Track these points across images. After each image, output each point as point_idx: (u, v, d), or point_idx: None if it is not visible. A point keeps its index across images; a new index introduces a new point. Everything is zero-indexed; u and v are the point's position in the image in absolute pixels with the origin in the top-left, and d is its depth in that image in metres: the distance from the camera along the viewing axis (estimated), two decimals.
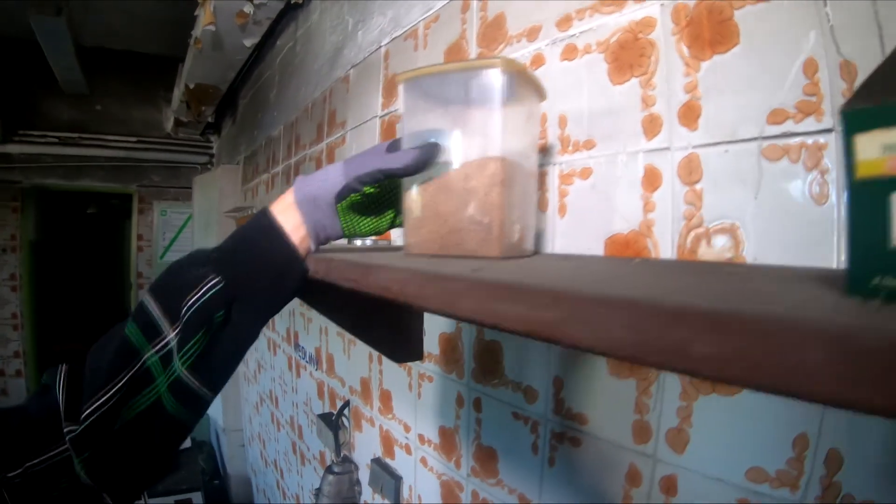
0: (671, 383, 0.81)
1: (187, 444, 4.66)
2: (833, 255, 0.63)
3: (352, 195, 0.74)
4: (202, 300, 0.68)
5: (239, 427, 4.43)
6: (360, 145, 1.85)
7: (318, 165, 2.28)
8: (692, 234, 0.76)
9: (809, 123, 0.65)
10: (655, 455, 0.84)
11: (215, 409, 4.59)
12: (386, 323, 1.28)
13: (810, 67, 0.65)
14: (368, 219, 0.80)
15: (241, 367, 4.22)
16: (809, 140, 0.65)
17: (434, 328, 1.39)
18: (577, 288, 0.30)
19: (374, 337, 1.27)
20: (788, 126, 0.67)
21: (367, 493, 1.90)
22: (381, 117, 1.70)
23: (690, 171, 0.77)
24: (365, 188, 0.74)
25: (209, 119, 4.72)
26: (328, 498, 1.94)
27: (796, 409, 0.68)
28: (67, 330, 7.35)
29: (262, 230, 0.74)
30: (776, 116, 0.68)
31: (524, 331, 0.33)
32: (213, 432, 5.09)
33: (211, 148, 5.47)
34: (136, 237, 6.05)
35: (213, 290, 0.69)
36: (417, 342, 1.33)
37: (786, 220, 0.68)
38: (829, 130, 0.64)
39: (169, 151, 5.40)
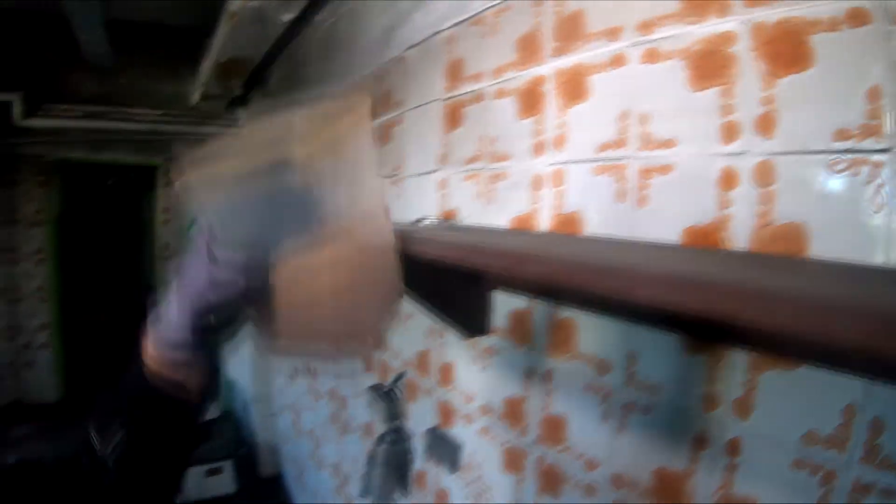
0: (739, 358, 0.95)
1: (215, 413, 4.81)
2: (881, 254, 0.77)
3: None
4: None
5: (269, 397, 4.57)
6: (419, 129, 1.92)
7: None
8: (764, 230, 0.90)
9: (870, 143, 0.78)
10: (722, 421, 0.97)
11: (244, 379, 4.73)
12: (457, 299, 1.41)
13: (874, 94, 0.78)
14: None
15: None
16: (869, 157, 0.78)
17: (503, 304, 1.50)
18: (753, 282, 0.43)
19: (445, 311, 1.40)
20: (852, 144, 0.80)
21: (420, 461, 2.02)
22: (444, 101, 1.76)
23: (765, 174, 0.90)
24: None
25: (237, 92, 4.75)
26: (381, 466, 2.07)
27: (846, 382, 0.81)
28: (93, 301, 7.54)
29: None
30: (842, 134, 0.81)
31: (704, 315, 0.45)
32: (241, 402, 5.25)
33: (237, 121, 5.49)
34: (162, 209, 6.19)
35: None
36: (486, 317, 1.46)
37: (845, 223, 0.81)
38: (886, 150, 0.77)
39: (194, 124, 5.44)
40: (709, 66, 0.99)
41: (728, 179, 0.95)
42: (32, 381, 6.27)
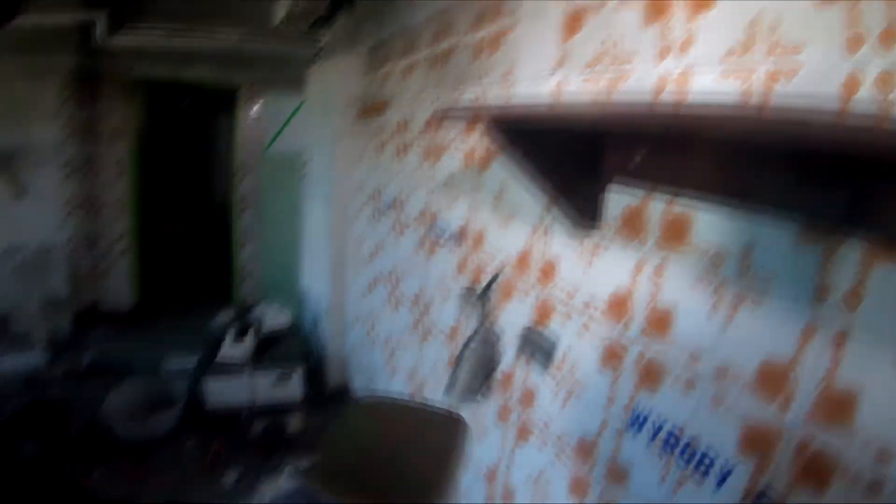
0: (853, 251, 1.02)
1: (287, 324, 5.00)
2: None
3: None
4: None
5: (343, 308, 4.75)
6: (533, 36, 1.95)
7: (477, 54, 2.37)
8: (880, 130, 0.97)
9: None
10: (831, 313, 1.05)
11: (319, 290, 4.89)
12: (574, 187, 1.49)
13: None
14: None
15: (349, 250, 4.44)
16: None
17: (615, 202, 1.56)
18: None
19: (561, 196, 1.48)
20: None
21: (509, 361, 2.13)
22: (562, 9, 1.79)
23: (886, 83, 0.96)
24: None
25: (322, 13, 4.71)
26: (470, 364, 2.17)
27: None
28: (169, 214, 7.85)
29: None
30: None
31: None
32: (313, 313, 5.44)
33: (320, 40, 5.46)
34: (242, 128, 6.36)
35: None
36: (598, 211, 1.54)
37: None
38: None
39: (277, 44, 5.48)
40: None
41: (851, 85, 1.02)
42: (109, 288, 6.59)
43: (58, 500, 0.91)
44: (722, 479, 1.26)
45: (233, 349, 4.51)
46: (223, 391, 4.47)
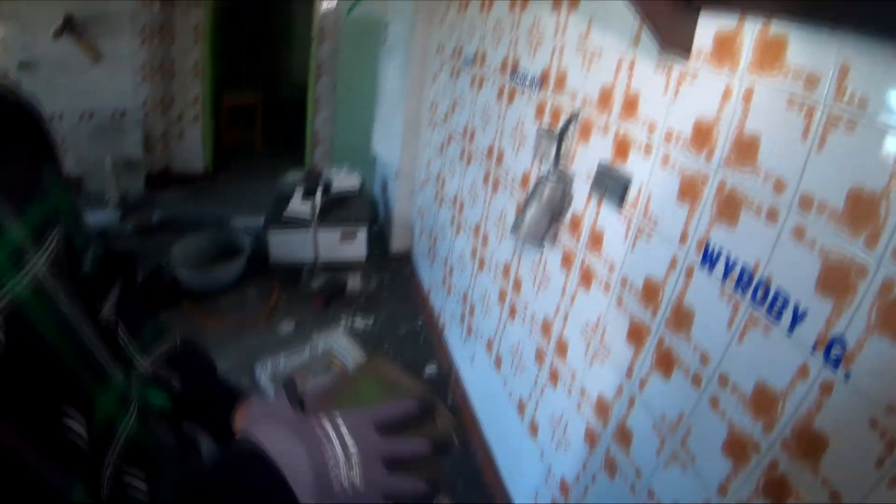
0: None
1: (356, 187, 5.08)
2: None
3: None
4: None
5: (412, 174, 4.81)
6: None
7: None
8: None
9: None
10: None
11: (390, 154, 4.93)
12: (667, 14, 1.44)
13: None
14: None
15: (423, 114, 4.44)
16: None
17: (706, 27, 1.50)
18: None
19: (652, 26, 1.44)
20: None
21: (580, 203, 2.12)
22: None
23: None
24: None
25: None
26: (538, 205, 2.19)
27: None
28: (244, 80, 8.03)
29: None
30: None
31: None
32: (382, 176, 5.51)
33: None
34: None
35: None
36: (689, 38, 1.50)
37: None
38: None
39: None
40: None
41: None
42: (182, 152, 6.94)
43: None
44: (793, 324, 1.22)
45: (300, 205, 4.61)
46: (288, 245, 4.63)
